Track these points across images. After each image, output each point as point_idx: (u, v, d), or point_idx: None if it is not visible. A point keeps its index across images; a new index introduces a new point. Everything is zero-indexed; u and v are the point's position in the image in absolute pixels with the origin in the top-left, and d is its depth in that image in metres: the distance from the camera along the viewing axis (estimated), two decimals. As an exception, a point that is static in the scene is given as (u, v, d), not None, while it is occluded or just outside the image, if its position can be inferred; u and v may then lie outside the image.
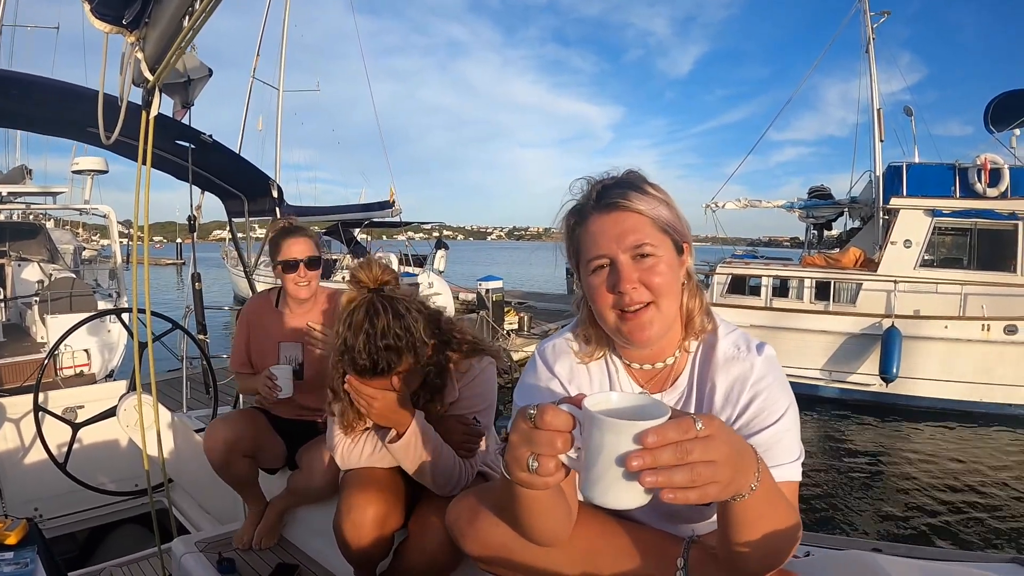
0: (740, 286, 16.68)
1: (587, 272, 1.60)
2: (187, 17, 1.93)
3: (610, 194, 1.58)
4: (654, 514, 1.66)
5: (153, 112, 2.42)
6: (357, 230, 27.38)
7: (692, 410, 1.64)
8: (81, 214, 16.16)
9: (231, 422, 3.36)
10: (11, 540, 2.62)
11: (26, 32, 31.22)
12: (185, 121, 4.17)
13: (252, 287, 5.76)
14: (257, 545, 3.42)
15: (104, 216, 13.83)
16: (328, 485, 3.02)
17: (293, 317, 3.55)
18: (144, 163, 2.44)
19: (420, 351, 2.30)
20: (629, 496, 1.10)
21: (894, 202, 15.44)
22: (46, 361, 4.77)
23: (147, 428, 3.74)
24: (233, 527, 3.68)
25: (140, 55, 2.24)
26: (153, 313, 3.66)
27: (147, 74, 2.26)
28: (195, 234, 5.95)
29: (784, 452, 1.52)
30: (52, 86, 3.96)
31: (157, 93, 2.40)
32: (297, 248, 3.43)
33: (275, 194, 5.25)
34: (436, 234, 33.82)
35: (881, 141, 17.40)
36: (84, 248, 26.43)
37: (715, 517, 1.43)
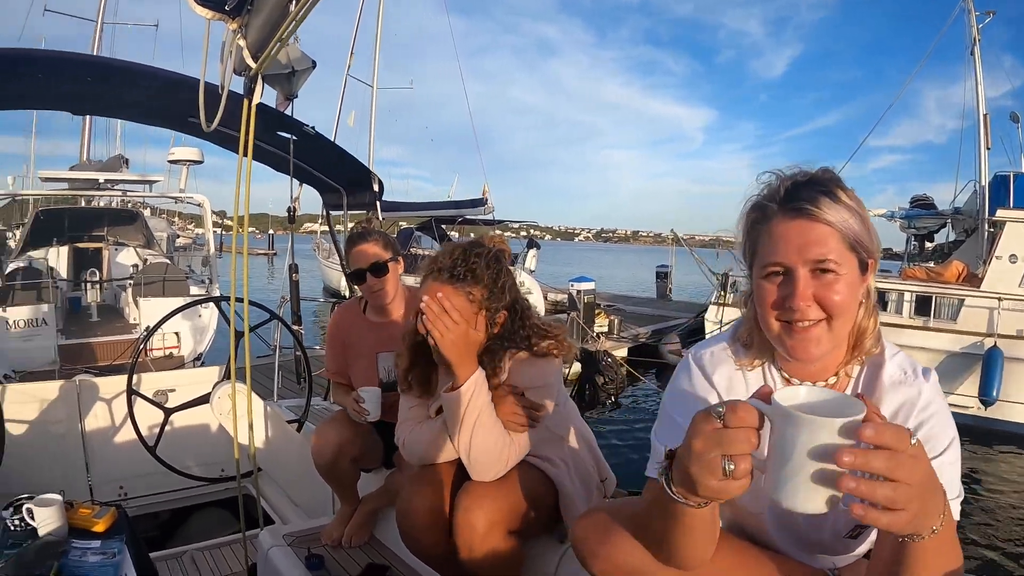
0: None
1: (760, 274, 1.48)
2: (293, 2, 1.88)
3: (800, 196, 1.43)
4: (795, 543, 1.55)
5: (255, 100, 2.39)
6: (450, 226, 27.60)
7: None
8: (176, 202, 16.64)
9: (340, 424, 3.30)
10: (99, 527, 2.59)
11: (126, 29, 32.27)
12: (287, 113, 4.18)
13: (349, 283, 5.79)
14: (347, 543, 3.34)
15: (199, 205, 14.18)
16: None
17: (385, 325, 3.46)
18: (245, 153, 2.41)
19: (493, 297, 2.30)
20: (815, 500, 1.03)
21: (1000, 214, 14.67)
22: (141, 345, 4.80)
23: (239, 417, 3.74)
24: (322, 521, 3.64)
25: (242, 42, 2.20)
26: (251, 302, 3.65)
27: (250, 62, 2.21)
28: (293, 225, 5.97)
29: (946, 487, 1.33)
30: (153, 74, 4.01)
31: (259, 81, 2.37)
32: (361, 256, 3.34)
33: (376, 188, 5.24)
34: (524, 233, 33.80)
35: (988, 149, 16.66)
36: (179, 236, 27.19)
37: (859, 550, 1.32)
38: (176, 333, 11.53)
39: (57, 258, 13.79)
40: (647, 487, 1.40)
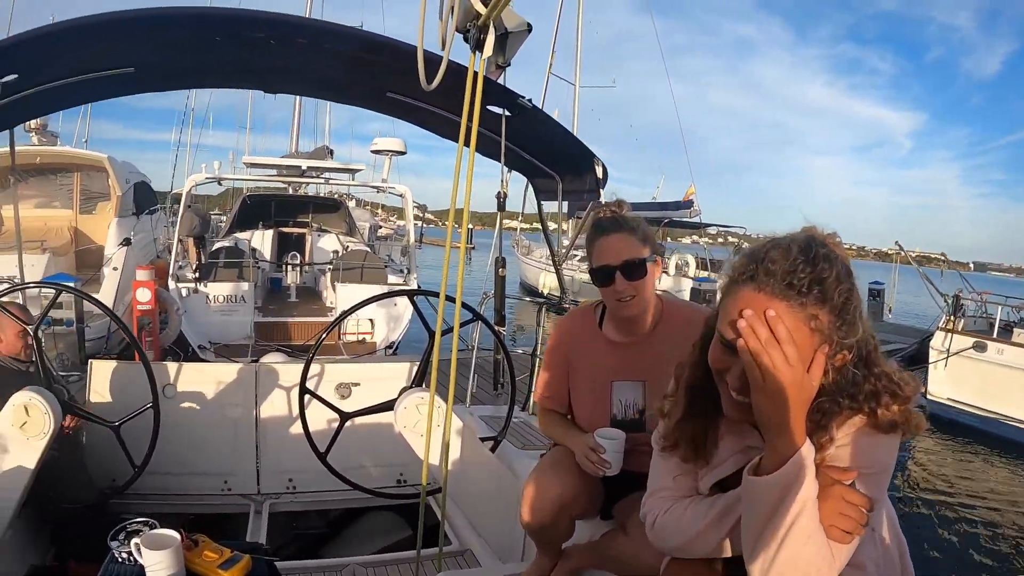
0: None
1: None
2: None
3: None
4: None
5: (486, 53, 1.96)
6: (654, 228, 27.35)
7: None
8: (378, 192, 17.03)
9: (564, 475, 2.59)
10: (226, 580, 2.17)
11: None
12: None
13: (561, 283, 5.33)
14: None
15: (400, 196, 14.36)
16: (658, 562, 1.98)
17: (630, 345, 2.68)
18: (471, 117, 1.98)
19: (843, 328, 1.43)
20: None
21: None
22: (323, 335, 4.30)
23: (425, 428, 3.24)
24: (509, 569, 3.14)
25: (469, -14, 1.86)
26: (451, 299, 3.17)
27: (479, 7, 1.82)
28: (502, 213, 5.40)
29: None
30: (345, 34, 3.61)
31: (491, 32, 1.91)
32: (611, 249, 2.52)
33: (599, 174, 4.64)
34: (723, 240, 33.09)
35: None
36: (381, 226, 27.95)
37: None
38: (371, 320, 11.56)
39: (262, 240, 14.33)
40: None
